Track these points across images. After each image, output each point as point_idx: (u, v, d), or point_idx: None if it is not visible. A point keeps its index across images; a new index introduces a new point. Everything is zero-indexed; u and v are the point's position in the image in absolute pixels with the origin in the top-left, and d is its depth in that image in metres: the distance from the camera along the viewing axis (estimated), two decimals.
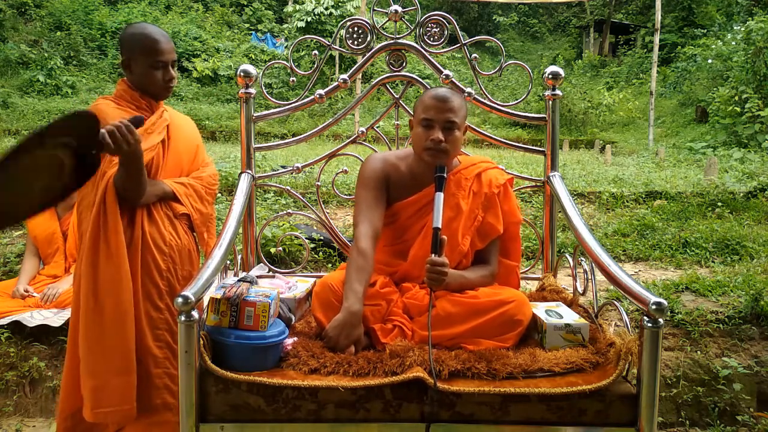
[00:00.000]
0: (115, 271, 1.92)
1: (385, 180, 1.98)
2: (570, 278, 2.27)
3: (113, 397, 1.93)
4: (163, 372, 2.02)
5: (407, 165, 2.01)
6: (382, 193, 1.97)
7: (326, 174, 4.22)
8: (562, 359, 1.66)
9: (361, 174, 2.00)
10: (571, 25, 21.98)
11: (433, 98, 1.91)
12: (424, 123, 1.90)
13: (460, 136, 1.94)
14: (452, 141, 1.90)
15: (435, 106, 1.90)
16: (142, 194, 1.98)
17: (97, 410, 1.92)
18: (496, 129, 12.59)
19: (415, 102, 2.01)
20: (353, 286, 1.74)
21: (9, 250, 3.79)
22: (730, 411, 3.00)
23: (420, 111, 1.93)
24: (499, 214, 1.98)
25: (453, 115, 1.89)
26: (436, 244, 1.74)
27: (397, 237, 2.01)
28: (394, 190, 1.99)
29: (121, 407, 1.93)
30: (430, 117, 1.89)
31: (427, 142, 1.89)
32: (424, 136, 1.90)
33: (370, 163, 2.01)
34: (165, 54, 2.05)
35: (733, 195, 5.46)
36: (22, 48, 12.95)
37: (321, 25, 14.65)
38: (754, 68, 10.28)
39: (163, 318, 2.04)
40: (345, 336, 1.69)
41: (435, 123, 1.89)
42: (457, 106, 1.91)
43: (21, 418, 2.86)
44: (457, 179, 1.98)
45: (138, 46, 2.03)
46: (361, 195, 1.96)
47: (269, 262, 2.53)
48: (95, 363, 1.93)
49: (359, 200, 1.96)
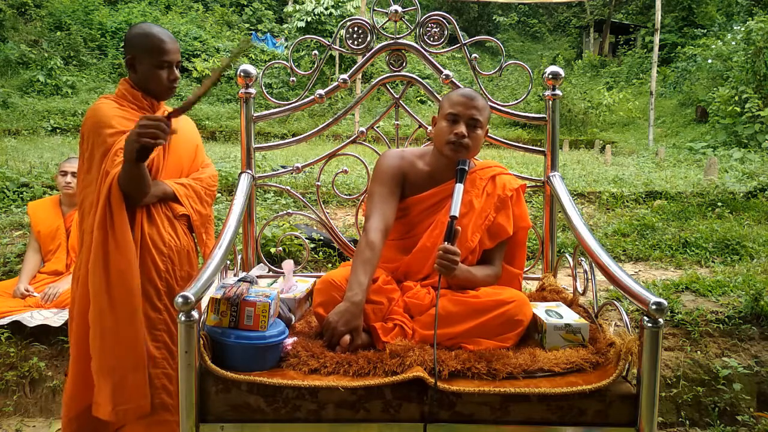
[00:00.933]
0: (126, 267, 1.93)
1: (401, 176, 2.01)
2: (570, 278, 2.27)
3: (132, 393, 1.94)
4: (161, 372, 2.02)
5: (425, 162, 2.04)
6: (396, 189, 2.00)
7: (326, 174, 4.22)
8: (562, 359, 1.66)
9: (378, 168, 2.02)
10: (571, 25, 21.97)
11: (461, 95, 1.97)
12: (449, 117, 1.95)
13: (481, 136, 1.99)
14: (474, 138, 1.95)
15: (462, 102, 1.95)
16: (145, 194, 1.98)
17: (118, 408, 1.92)
18: (496, 129, 12.58)
19: (441, 99, 2.06)
20: (359, 277, 1.76)
21: (9, 250, 3.79)
22: (730, 411, 3.00)
23: (446, 106, 1.98)
24: (510, 216, 2.00)
25: (478, 113, 1.95)
26: (450, 232, 1.77)
27: (405, 231, 2.03)
28: (409, 186, 2.02)
29: (139, 402, 1.95)
30: (456, 112, 1.94)
31: (451, 135, 1.93)
32: (447, 130, 1.94)
33: (387, 159, 2.03)
34: (170, 54, 2.05)
35: (733, 195, 5.46)
36: (22, 48, 12.95)
37: (321, 25, 14.65)
38: (754, 68, 10.28)
39: (161, 318, 2.03)
40: (344, 323, 1.70)
41: (460, 118, 1.94)
42: (482, 106, 1.97)
43: (21, 418, 2.86)
44: (473, 178, 2.00)
45: (144, 45, 2.02)
46: (376, 189, 1.99)
47: (269, 262, 2.53)
48: (112, 360, 1.93)
49: (373, 194, 1.98)
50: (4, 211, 4.48)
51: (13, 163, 5.97)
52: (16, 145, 8.00)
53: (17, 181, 4.93)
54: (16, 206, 4.55)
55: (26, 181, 4.96)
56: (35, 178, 5.12)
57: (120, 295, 1.92)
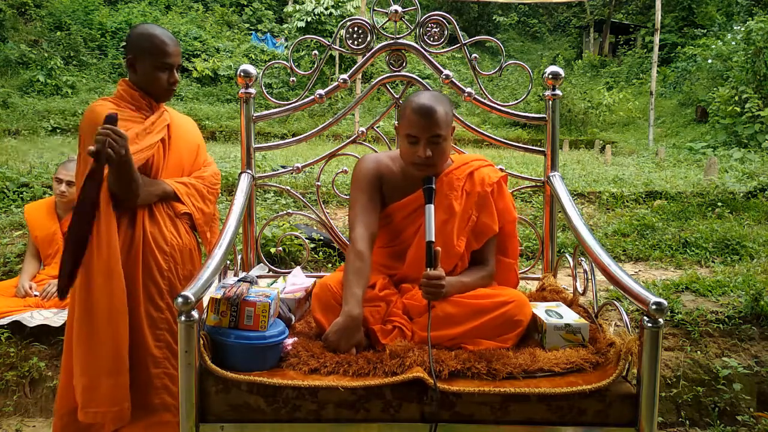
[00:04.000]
0: (108, 272, 1.91)
1: (378, 180, 1.97)
2: (570, 278, 2.27)
3: (104, 397, 1.91)
4: (162, 372, 2.01)
5: (400, 166, 1.98)
6: (376, 194, 1.96)
7: (326, 174, 4.22)
8: (562, 359, 1.66)
9: (355, 175, 1.99)
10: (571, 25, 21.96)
11: (416, 113, 1.84)
12: (409, 140, 1.86)
13: (447, 146, 1.91)
14: (439, 153, 1.87)
15: (418, 122, 1.83)
16: (136, 196, 1.97)
17: (88, 410, 1.91)
18: (496, 129, 12.57)
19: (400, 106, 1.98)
20: (352, 290, 1.73)
21: (9, 250, 3.79)
22: (730, 411, 3.00)
23: (405, 125, 1.88)
24: (494, 213, 1.95)
25: (438, 129, 1.84)
26: (430, 258, 1.73)
27: (393, 238, 2.00)
28: (388, 191, 1.98)
29: (111, 408, 1.91)
30: (414, 134, 1.85)
31: (414, 157, 1.86)
32: (411, 151, 1.87)
33: (362, 164, 1.99)
34: (171, 57, 2.05)
35: (733, 195, 5.46)
36: (22, 48, 12.93)
37: (321, 25, 14.63)
38: (754, 68, 10.27)
39: (163, 317, 2.03)
40: (346, 340, 1.69)
41: (420, 140, 1.85)
42: (441, 117, 1.84)
43: (21, 418, 2.86)
44: (450, 180, 1.95)
45: (145, 46, 2.02)
46: (356, 197, 1.95)
47: (269, 262, 2.53)
48: (86, 362, 1.92)
49: (354, 202, 1.95)
50: (4, 211, 4.48)
51: (13, 163, 5.97)
52: (16, 145, 8.00)
53: (17, 181, 4.93)
54: (16, 206, 4.54)
55: (26, 181, 4.96)
56: (35, 178, 5.12)
57: (100, 300, 1.91)
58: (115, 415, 1.92)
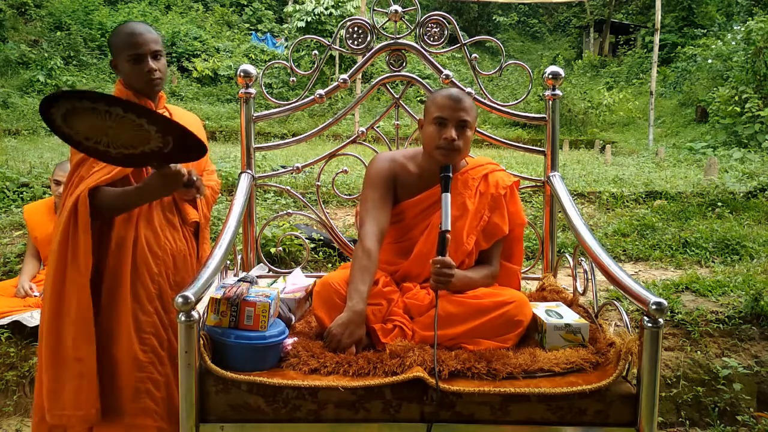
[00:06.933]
0: (78, 276, 1.87)
1: (392, 179, 1.99)
2: (570, 278, 2.27)
3: (69, 400, 1.88)
4: (146, 377, 1.95)
5: (416, 164, 2.01)
6: (389, 193, 1.98)
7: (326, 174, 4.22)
8: (562, 359, 1.66)
9: (369, 173, 2.01)
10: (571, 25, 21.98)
11: (447, 97, 1.92)
12: (437, 121, 1.91)
13: (471, 136, 1.96)
14: (465, 140, 1.92)
15: (449, 105, 1.90)
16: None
17: (53, 412, 1.89)
18: (496, 129, 12.58)
19: (425, 101, 2.02)
20: (358, 286, 1.75)
21: (9, 250, 3.79)
22: (730, 411, 3.00)
23: (433, 110, 1.93)
24: (505, 215, 1.98)
25: (466, 115, 1.91)
26: (443, 246, 1.75)
27: (401, 235, 2.02)
28: (402, 189, 2.00)
29: (76, 412, 1.88)
30: (444, 116, 1.90)
31: (440, 140, 1.89)
32: (437, 135, 1.91)
33: (377, 163, 2.02)
34: (141, 46, 1.94)
35: (733, 195, 5.46)
36: (22, 48, 12.95)
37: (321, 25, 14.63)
38: (754, 68, 10.27)
39: (150, 321, 1.96)
40: (348, 335, 1.69)
41: (449, 122, 1.90)
42: (469, 106, 1.93)
43: (21, 418, 2.86)
44: (465, 179, 1.98)
45: (117, 43, 1.97)
46: (368, 194, 1.96)
47: (269, 262, 2.53)
48: (51, 366, 1.90)
49: (366, 199, 1.96)
50: (4, 211, 4.48)
51: (13, 163, 5.97)
52: (16, 145, 8.01)
53: (17, 181, 4.93)
54: (16, 206, 4.54)
55: (26, 181, 4.96)
56: (35, 178, 5.12)
57: (70, 305, 1.87)
58: (80, 419, 1.89)
